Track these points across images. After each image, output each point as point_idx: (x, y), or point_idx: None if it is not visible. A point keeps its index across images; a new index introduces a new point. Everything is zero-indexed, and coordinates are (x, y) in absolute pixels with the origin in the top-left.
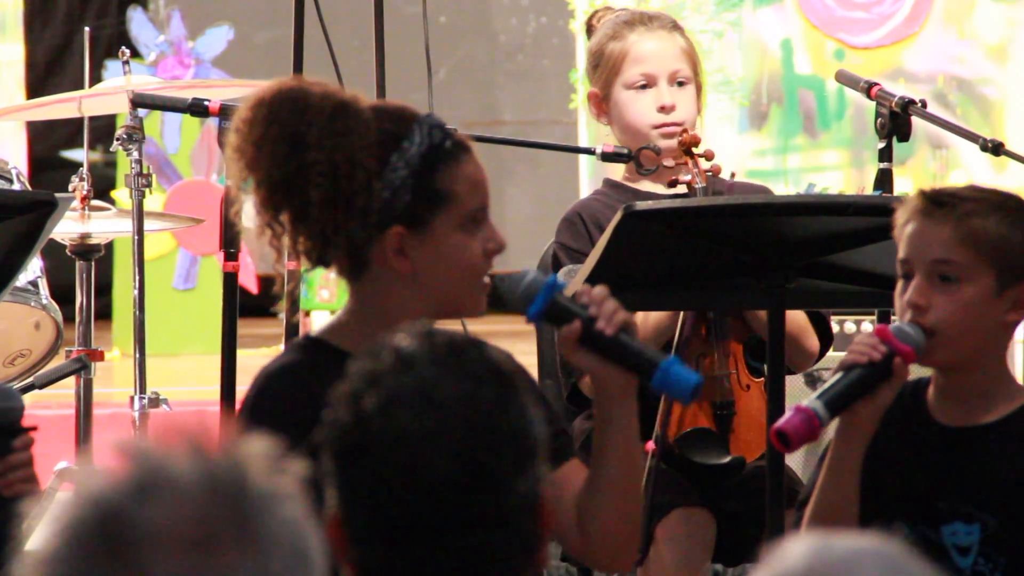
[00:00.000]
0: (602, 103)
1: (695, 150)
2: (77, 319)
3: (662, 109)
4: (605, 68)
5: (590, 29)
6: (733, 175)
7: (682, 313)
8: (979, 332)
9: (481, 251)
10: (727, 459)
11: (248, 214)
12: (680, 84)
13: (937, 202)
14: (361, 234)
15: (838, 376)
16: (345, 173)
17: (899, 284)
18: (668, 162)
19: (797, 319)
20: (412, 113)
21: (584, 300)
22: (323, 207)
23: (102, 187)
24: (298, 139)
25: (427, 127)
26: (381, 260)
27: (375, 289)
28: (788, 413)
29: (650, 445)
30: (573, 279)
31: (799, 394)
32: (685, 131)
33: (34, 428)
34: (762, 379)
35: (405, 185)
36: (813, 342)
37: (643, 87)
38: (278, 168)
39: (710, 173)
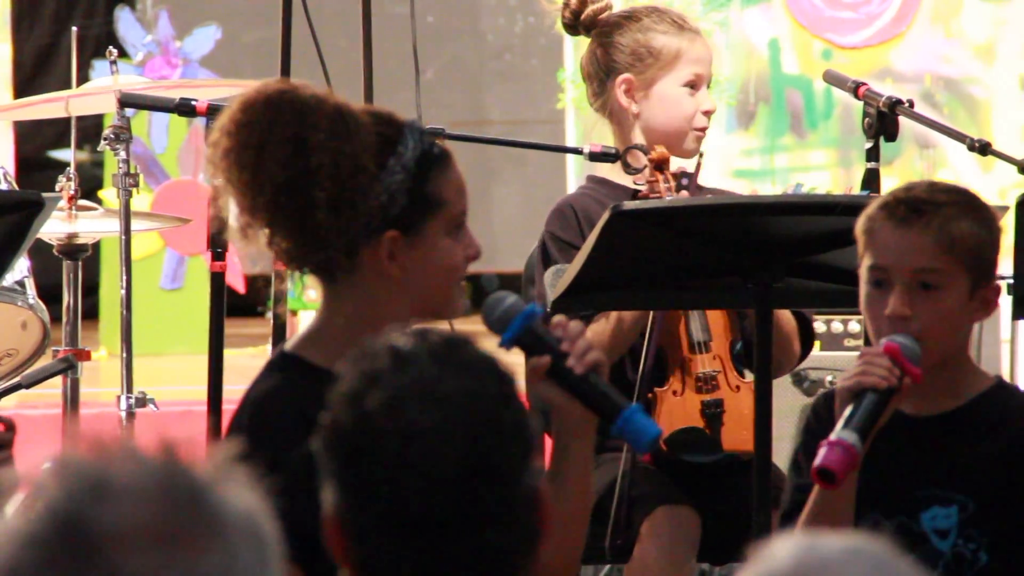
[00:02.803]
0: (635, 91)
1: (666, 168)
2: (64, 319)
3: (706, 113)
4: (657, 59)
5: (582, 18)
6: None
7: (651, 315)
8: (957, 335)
9: (463, 256)
10: (718, 456)
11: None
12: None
13: (916, 210)
14: (360, 238)
15: (864, 401)
16: (349, 175)
17: (866, 291)
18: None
19: (788, 323)
20: (401, 118)
21: (559, 333)
22: (328, 209)
23: (89, 187)
24: (302, 142)
25: (417, 132)
26: (370, 265)
27: (356, 295)
28: (823, 450)
29: (646, 458)
30: (561, 278)
31: (786, 394)
32: (653, 147)
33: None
34: (751, 380)
35: (402, 189)
36: (797, 347)
37: (692, 86)
38: (282, 171)
39: (681, 186)
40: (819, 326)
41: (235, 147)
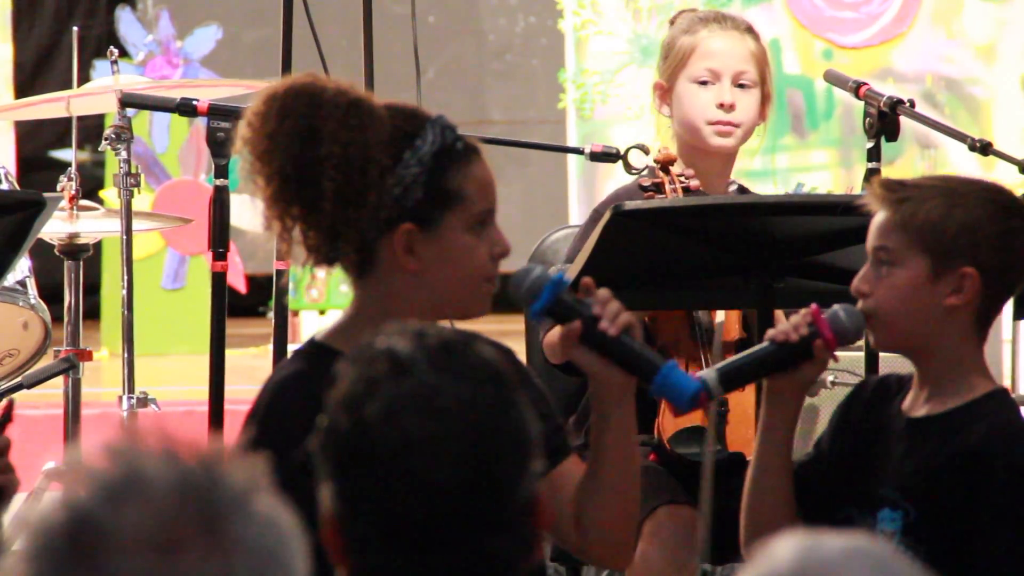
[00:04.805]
0: (666, 95)
1: (672, 168)
2: (65, 319)
3: (720, 106)
4: (673, 60)
5: (672, 26)
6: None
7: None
8: (915, 316)
9: (487, 254)
10: (721, 455)
11: (236, 213)
12: (743, 86)
13: (887, 189)
14: (371, 230)
15: (752, 349)
16: (359, 167)
17: None
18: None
19: None
20: (424, 114)
21: (588, 299)
22: (335, 201)
23: (90, 187)
24: (312, 132)
25: (439, 127)
26: (389, 258)
27: (381, 288)
28: None
29: (652, 457)
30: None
31: None
32: (660, 148)
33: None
34: None
35: (417, 183)
36: None
37: (705, 83)
38: (292, 161)
39: (687, 189)
40: None
41: (252, 137)
